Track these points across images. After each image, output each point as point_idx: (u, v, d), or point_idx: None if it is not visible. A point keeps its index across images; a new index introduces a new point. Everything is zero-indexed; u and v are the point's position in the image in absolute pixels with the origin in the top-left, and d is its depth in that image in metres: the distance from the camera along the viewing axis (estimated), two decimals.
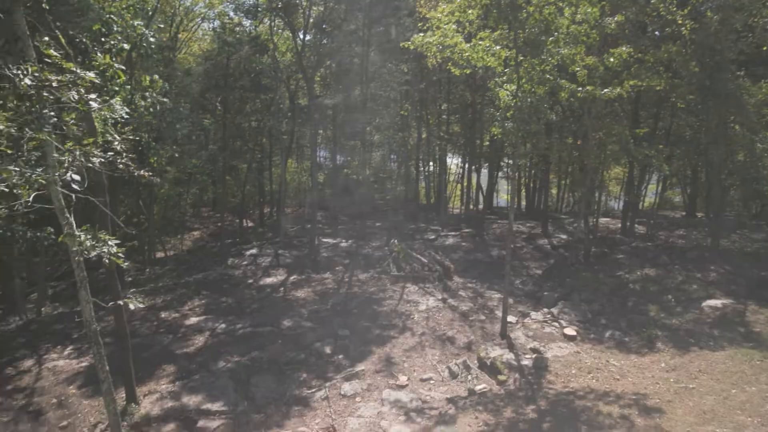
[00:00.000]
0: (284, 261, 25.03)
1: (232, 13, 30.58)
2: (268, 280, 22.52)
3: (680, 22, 18.92)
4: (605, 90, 16.63)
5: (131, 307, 8.35)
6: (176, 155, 24.85)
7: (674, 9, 19.03)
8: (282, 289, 21.35)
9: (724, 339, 14.88)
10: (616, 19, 16.28)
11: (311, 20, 27.07)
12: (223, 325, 17.72)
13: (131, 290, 21.08)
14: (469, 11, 14.56)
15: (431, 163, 41.02)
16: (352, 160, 38.73)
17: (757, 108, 20.31)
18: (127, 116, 10.23)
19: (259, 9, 28.52)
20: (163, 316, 18.98)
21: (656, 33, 22.74)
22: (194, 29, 33.28)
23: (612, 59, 16.30)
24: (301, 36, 27.86)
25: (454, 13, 14.69)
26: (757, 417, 10.68)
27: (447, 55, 15.17)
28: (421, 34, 15.17)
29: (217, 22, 31.59)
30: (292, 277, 22.68)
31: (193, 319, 18.41)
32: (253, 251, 26.96)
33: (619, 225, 28.30)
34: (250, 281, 22.55)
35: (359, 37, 27.55)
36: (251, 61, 28.44)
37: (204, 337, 16.97)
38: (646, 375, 13.24)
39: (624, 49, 16.34)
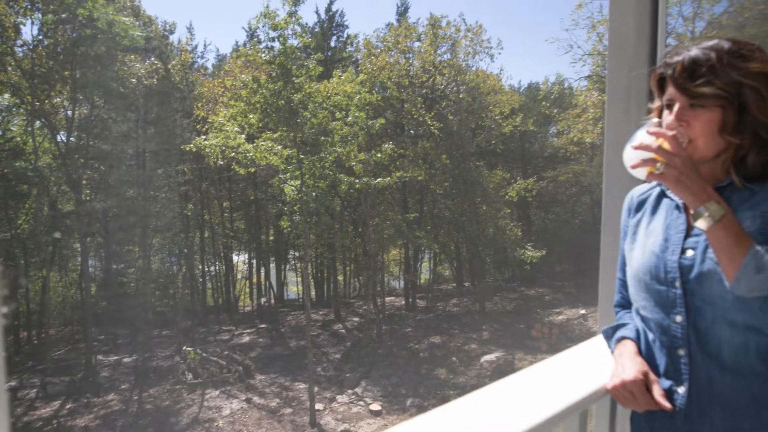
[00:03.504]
0: (54, 390, 21.53)
1: None
2: (36, 414, 19.16)
3: (429, 122, 22.57)
4: (378, 179, 18.79)
5: None
6: None
7: (424, 112, 22.70)
8: (56, 422, 18.34)
9: None
10: (379, 121, 18.78)
11: (75, 121, 25.35)
12: None
13: None
14: (250, 115, 15.48)
15: (217, 263, 39.87)
16: (128, 267, 35.79)
17: (496, 190, 24.74)
18: None
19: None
20: None
21: (412, 132, 26.58)
22: None
23: (380, 155, 18.62)
24: (64, 138, 25.77)
25: (236, 117, 15.45)
26: None
27: (231, 156, 15.72)
28: (203, 137, 15.55)
29: None
30: (67, 406, 19.65)
31: None
32: (11, 384, 22.71)
33: (404, 302, 30.82)
34: (12, 421, 18.91)
35: (133, 138, 26.58)
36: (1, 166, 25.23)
37: None
38: None
39: (388, 146, 18.86)
